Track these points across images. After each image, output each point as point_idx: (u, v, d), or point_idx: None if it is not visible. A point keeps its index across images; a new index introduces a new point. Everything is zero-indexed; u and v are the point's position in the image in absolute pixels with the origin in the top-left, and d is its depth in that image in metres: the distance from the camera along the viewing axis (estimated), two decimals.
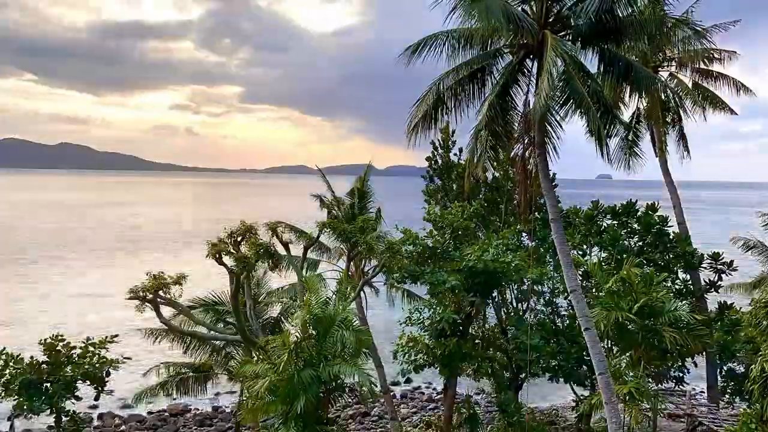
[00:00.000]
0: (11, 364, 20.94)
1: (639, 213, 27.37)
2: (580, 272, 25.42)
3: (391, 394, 31.78)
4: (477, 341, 26.47)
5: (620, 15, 16.73)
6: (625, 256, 25.03)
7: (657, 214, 27.15)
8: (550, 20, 17.41)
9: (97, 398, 22.43)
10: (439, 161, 30.96)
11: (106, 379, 22.06)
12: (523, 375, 26.69)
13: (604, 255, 27.47)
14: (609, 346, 24.10)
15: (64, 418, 21.51)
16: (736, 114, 30.88)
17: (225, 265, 21.25)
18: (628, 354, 21.89)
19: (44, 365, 21.14)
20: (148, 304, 20.19)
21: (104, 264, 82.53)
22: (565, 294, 24.99)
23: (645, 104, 29.17)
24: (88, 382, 21.76)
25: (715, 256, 27.39)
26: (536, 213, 25.77)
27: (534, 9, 17.55)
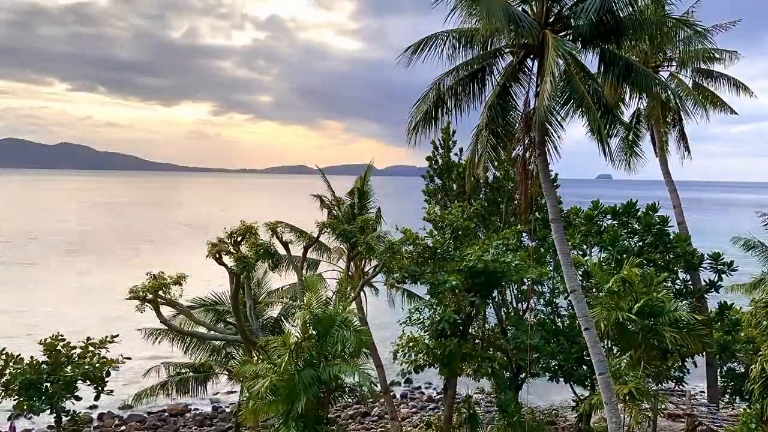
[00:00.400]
0: (11, 364, 20.94)
1: (639, 213, 27.35)
2: (580, 272, 25.42)
3: (391, 394, 31.78)
4: (477, 341, 26.49)
5: (620, 15, 16.71)
6: (625, 256, 25.03)
7: (657, 214, 27.12)
8: (551, 20, 17.39)
9: (97, 398, 22.42)
10: (440, 161, 30.94)
11: (106, 379, 22.06)
12: (523, 375, 26.69)
13: (604, 255, 27.44)
14: (609, 346, 24.09)
15: (64, 418, 21.51)
16: (737, 114, 30.82)
17: (225, 265, 21.24)
18: (628, 354, 21.88)
19: (44, 365, 21.15)
20: (148, 304, 20.18)
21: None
22: (565, 294, 24.98)
23: (645, 104, 29.13)
24: (88, 382, 21.75)
25: (716, 257, 27.34)
26: (536, 213, 25.76)
27: (534, 9, 17.55)
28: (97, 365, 21.78)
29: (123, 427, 34.23)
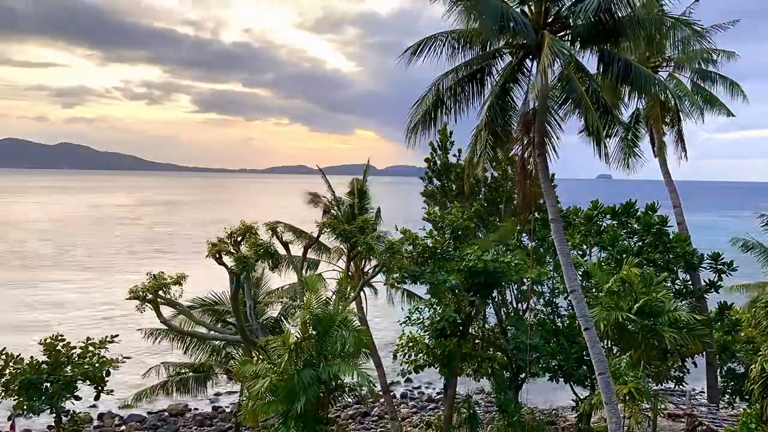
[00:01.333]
0: (11, 364, 20.92)
1: (639, 213, 27.35)
2: (580, 272, 25.42)
3: (391, 394, 31.79)
4: (477, 341, 26.49)
5: (619, 15, 16.70)
6: (624, 256, 25.03)
7: (657, 214, 27.12)
8: (549, 21, 17.40)
9: (97, 398, 22.38)
10: (438, 162, 30.94)
11: (106, 379, 22.05)
12: (523, 375, 26.70)
13: (603, 255, 27.45)
14: (609, 346, 24.11)
15: (64, 418, 21.48)
16: (734, 115, 30.77)
17: (225, 265, 21.25)
18: (628, 354, 21.90)
19: (44, 365, 21.13)
20: (148, 304, 20.18)
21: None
22: (565, 294, 24.99)
23: (644, 104, 29.13)
24: (88, 382, 21.74)
25: (715, 257, 27.33)
26: (536, 213, 25.77)
27: (533, 9, 17.55)
28: (97, 365, 21.76)
29: (123, 427, 34.27)
